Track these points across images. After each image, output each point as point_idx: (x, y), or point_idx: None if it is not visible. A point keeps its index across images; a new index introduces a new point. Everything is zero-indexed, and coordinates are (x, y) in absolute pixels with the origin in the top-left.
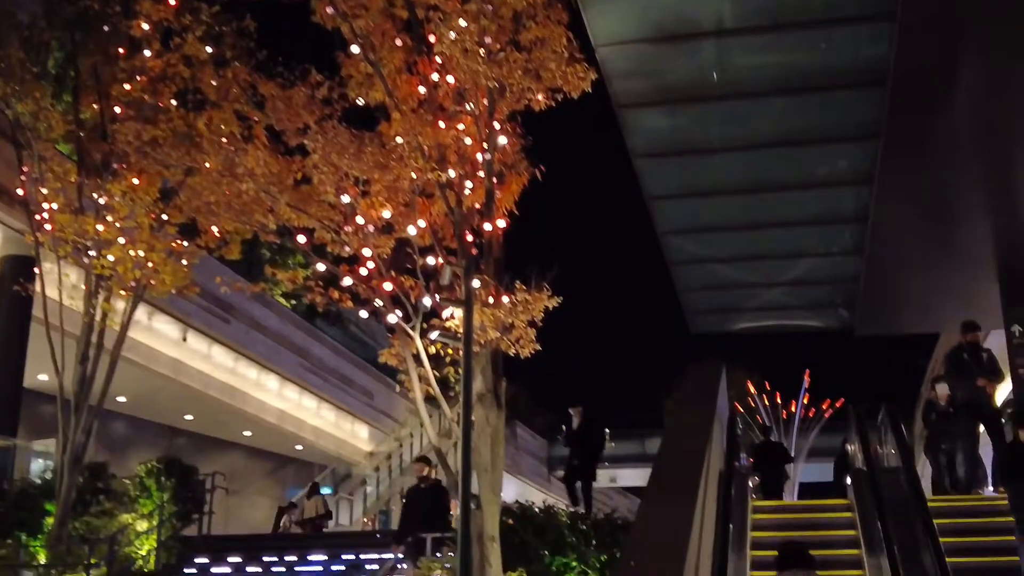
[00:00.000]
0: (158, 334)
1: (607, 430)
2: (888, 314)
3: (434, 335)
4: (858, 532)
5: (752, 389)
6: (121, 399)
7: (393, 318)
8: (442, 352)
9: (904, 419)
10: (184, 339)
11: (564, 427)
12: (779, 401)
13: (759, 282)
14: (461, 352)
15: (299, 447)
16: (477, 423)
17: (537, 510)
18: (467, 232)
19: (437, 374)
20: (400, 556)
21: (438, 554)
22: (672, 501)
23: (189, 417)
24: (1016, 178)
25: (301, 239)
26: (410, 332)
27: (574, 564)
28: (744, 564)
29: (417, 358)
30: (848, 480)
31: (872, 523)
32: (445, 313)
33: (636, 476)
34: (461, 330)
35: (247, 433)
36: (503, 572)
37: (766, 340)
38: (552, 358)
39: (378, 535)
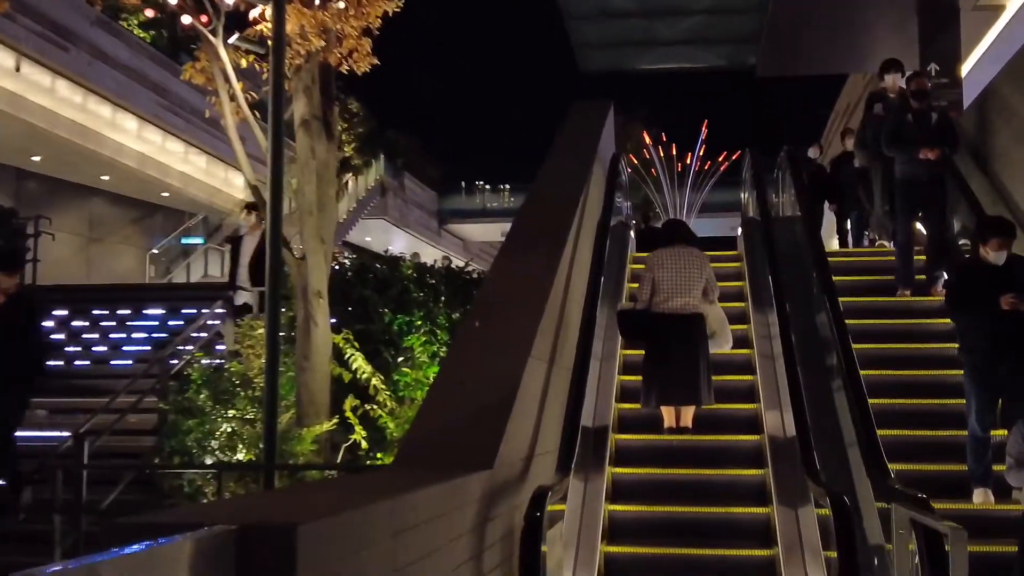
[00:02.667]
0: None
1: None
2: (795, 51)
3: (233, 39)
4: (745, 284)
5: (648, 140)
6: None
7: (188, 19)
8: (259, 67)
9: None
10: (18, 69)
11: None
12: (674, 153)
13: (657, 9)
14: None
15: (166, 194)
16: (300, 155)
17: (379, 264)
18: None
19: (254, 96)
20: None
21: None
22: (532, 253)
23: (36, 158)
24: None
25: None
26: (211, 38)
27: (419, 323)
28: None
29: (227, 74)
30: (739, 230)
31: (761, 276)
32: (253, 12)
33: None
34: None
35: (105, 178)
36: (333, 332)
37: (663, 87)
38: (442, 105)
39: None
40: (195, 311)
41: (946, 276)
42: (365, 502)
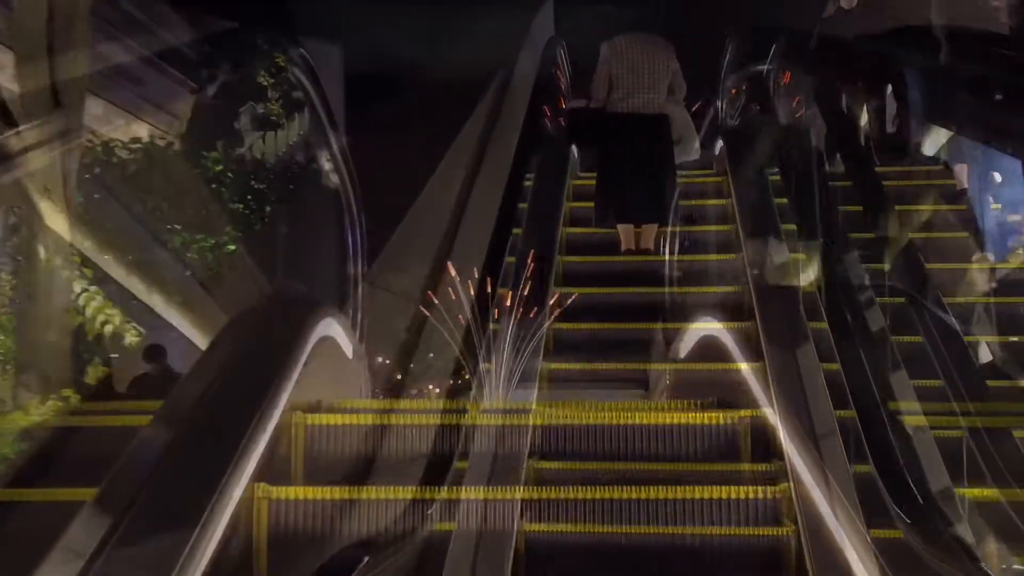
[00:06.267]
0: None
1: None
2: None
3: None
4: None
5: None
6: None
7: None
8: None
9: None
10: None
11: None
12: None
13: None
14: None
15: None
16: None
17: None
18: None
19: None
20: None
21: None
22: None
23: None
24: None
25: None
26: None
27: (232, 247)
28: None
29: None
30: (719, 143)
31: (750, 190)
32: None
33: None
34: None
35: None
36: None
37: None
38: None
39: None
40: None
41: None
42: None
